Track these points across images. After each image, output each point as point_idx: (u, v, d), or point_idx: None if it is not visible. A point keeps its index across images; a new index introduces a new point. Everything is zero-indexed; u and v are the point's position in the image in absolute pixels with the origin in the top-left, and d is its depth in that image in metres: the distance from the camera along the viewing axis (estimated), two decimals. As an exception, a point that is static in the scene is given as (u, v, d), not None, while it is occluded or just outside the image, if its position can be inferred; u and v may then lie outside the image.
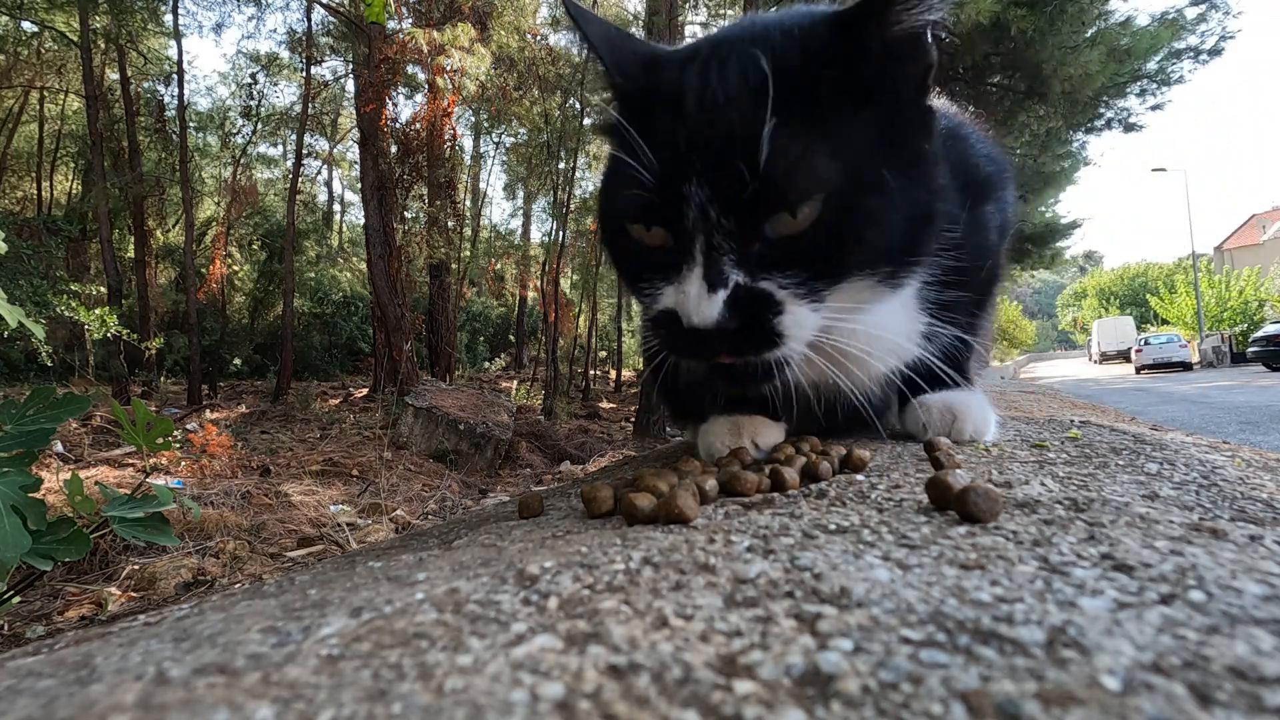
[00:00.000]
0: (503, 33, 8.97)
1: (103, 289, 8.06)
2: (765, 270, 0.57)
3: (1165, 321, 25.18)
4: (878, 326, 0.71)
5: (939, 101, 0.86)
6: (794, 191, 0.55)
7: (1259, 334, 13.62)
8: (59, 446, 4.22)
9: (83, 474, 2.95)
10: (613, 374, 15.20)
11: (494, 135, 14.97)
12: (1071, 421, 1.04)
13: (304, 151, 11.29)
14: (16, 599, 1.46)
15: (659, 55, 0.67)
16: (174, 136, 9.89)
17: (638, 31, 10.58)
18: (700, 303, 0.56)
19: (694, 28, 11.47)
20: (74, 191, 13.96)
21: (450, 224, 9.02)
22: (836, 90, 0.58)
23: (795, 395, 0.83)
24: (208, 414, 6.46)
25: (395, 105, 8.59)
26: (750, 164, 0.54)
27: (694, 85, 0.59)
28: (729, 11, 10.72)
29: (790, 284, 0.58)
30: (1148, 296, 30.42)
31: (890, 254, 0.61)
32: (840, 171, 0.56)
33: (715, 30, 0.81)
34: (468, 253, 12.48)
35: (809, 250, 0.57)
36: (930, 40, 0.61)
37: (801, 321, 0.60)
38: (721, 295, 0.56)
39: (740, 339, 0.58)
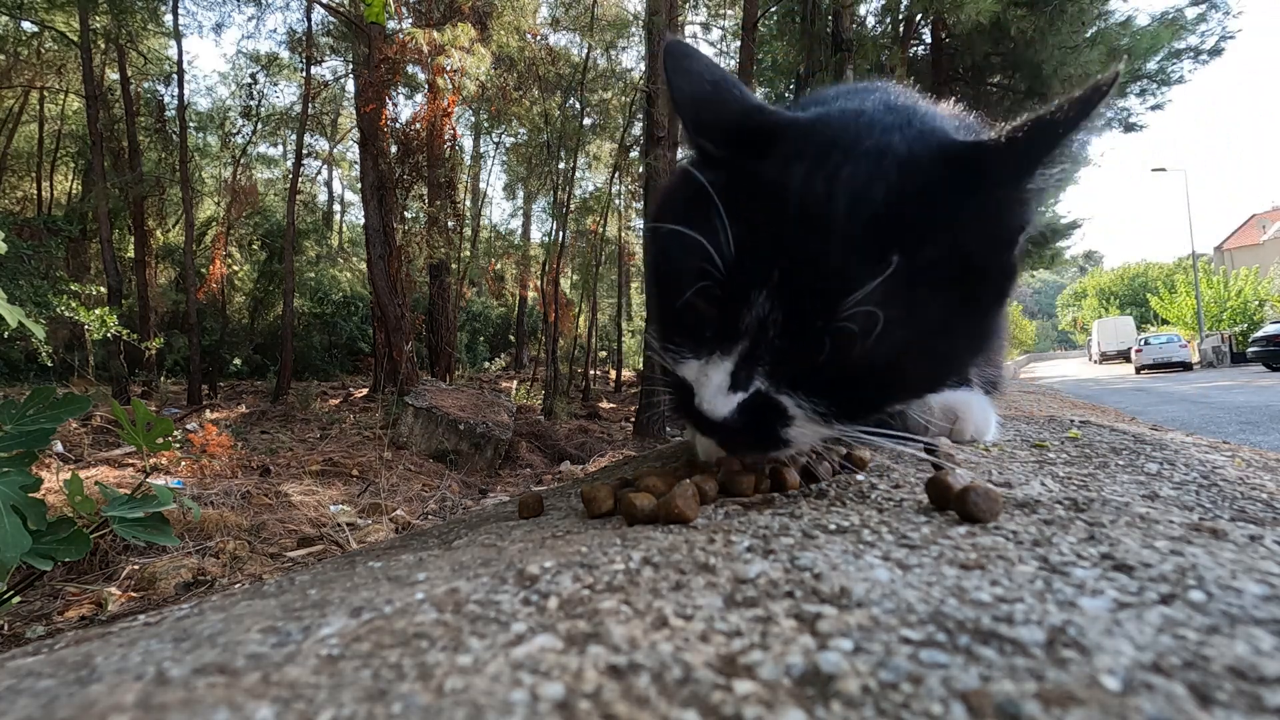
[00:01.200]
0: (503, 33, 8.97)
1: (103, 289, 8.07)
2: (791, 387, 0.55)
3: (1165, 321, 25.19)
4: None
5: (945, 105, 0.85)
6: (863, 353, 0.52)
7: (1259, 334, 13.62)
8: (59, 446, 4.23)
9: (83, 474, 2.95)
10: (613, 374, 15.20)
11: (494, 135, 14.99)
12: (1071, 421, 1.04)
13: (304, 151, 11.29)
14: (16, 599, 1.46)
15: (762, 124, 0.59)
16: (174, 136, 9.90)
17: (637, 32, 10.59)
18: (716, 396, 0.55)
19: (694, 27, 11.48)
20: (74, 191, 13.97)
21: (450, 224, 9.02)
22: (941, 239, 0.53)
23: None
24: (208, 414, 6.46)
25: (395, 105, 8.59)
26: (830, 314, 0.51)
27: (798, 187, 0.53)
28: (729, 12, 10.73)
29: (809, 406, 0.56)
30: (1148, 296, 30.42)
31: (918, 394, 0.59)
32: (914, 337, 0.52)
33: (832, 100, 0.70)
34: (468, 253, 12.49)
35: (842, 389, 0.55)
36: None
37: (808, 434, 0.58)
38: (739, 398, 0.55)
39: (744, 436, 0.57)
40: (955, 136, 0.59)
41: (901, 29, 8.12)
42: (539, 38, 10.30)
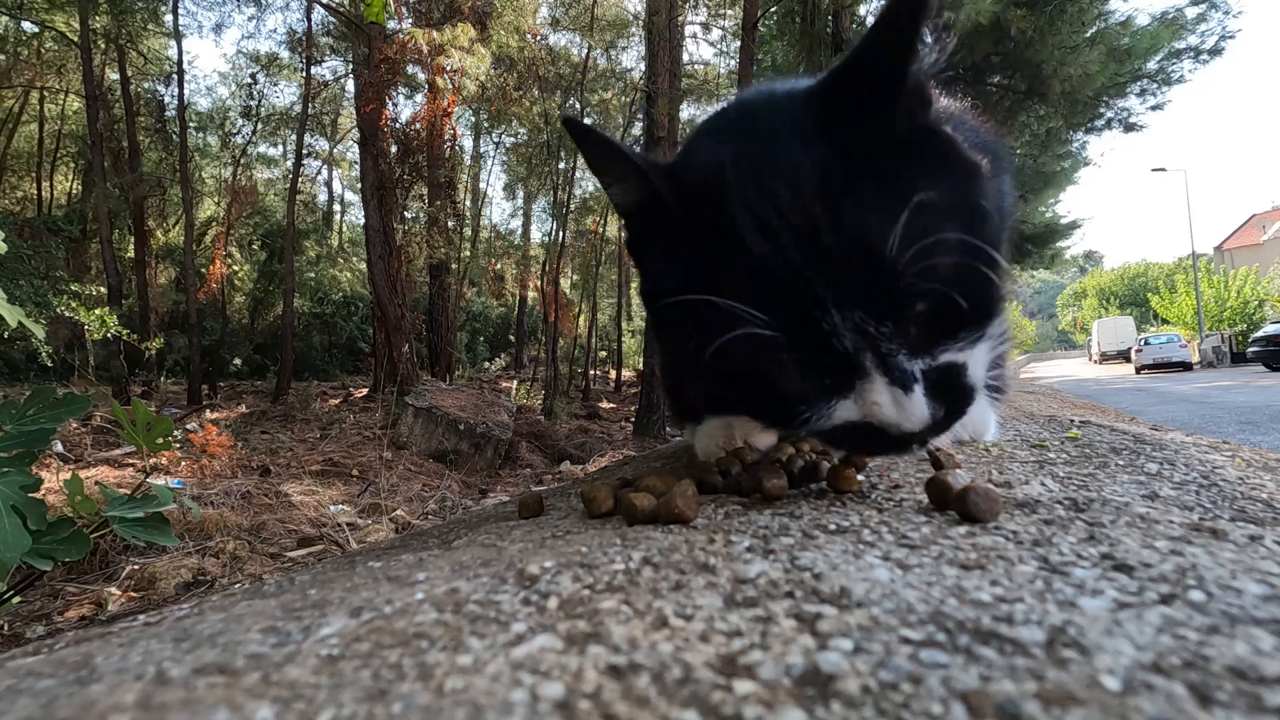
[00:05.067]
0: (503, 33, 8.97)
1: (103, 289, 8.07)
2: (936, 342, 0.52)
3: (1165, 321, 25.17)
4: None
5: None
6: (926, 272, 0.49)
7: (1259, 334, 13.61)
8: (59, 446, 4.23)
9: (83, 474, 2.95)
10: (613, 374, 15.20)
11: (494, 135, 14.99)
12: (1071, 421, 1.04)
13: (304, 151, 11.30)
14: (16, 599, 1.45)
15: (678, 169, 0.59)
16: (174, 136, 9.90)
17: (637, 32, 10.59)
18: (905, 408, 0.50)
19: (694, 27, 11.47)
20: (74, 191, 13.97)
21: (450, 224, 9.02)
22: (881, 123, 0.52)
23: None
24: (208, 414, 6.46)
25: (395, 105, 8.59)
26: (884, 264, 0.48)
27: (756, 202, 0.51)
28: (729, 12, 10.72)
29: (961, 341, 0.52)
30: (1148, 296, 30.39)
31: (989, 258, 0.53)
32: (940, 216, 0.49)
33: (706, 127, 0.67)
34: (468, 253, 12.49)
35: (954, 311, 0.51)
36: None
37: (982, 363, 0.54)
38: (919, 390, 0.51)
39: (946, 420, 0.53)
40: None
41: (901, 29, 8.09)
42: (539, 38, 10.30)
